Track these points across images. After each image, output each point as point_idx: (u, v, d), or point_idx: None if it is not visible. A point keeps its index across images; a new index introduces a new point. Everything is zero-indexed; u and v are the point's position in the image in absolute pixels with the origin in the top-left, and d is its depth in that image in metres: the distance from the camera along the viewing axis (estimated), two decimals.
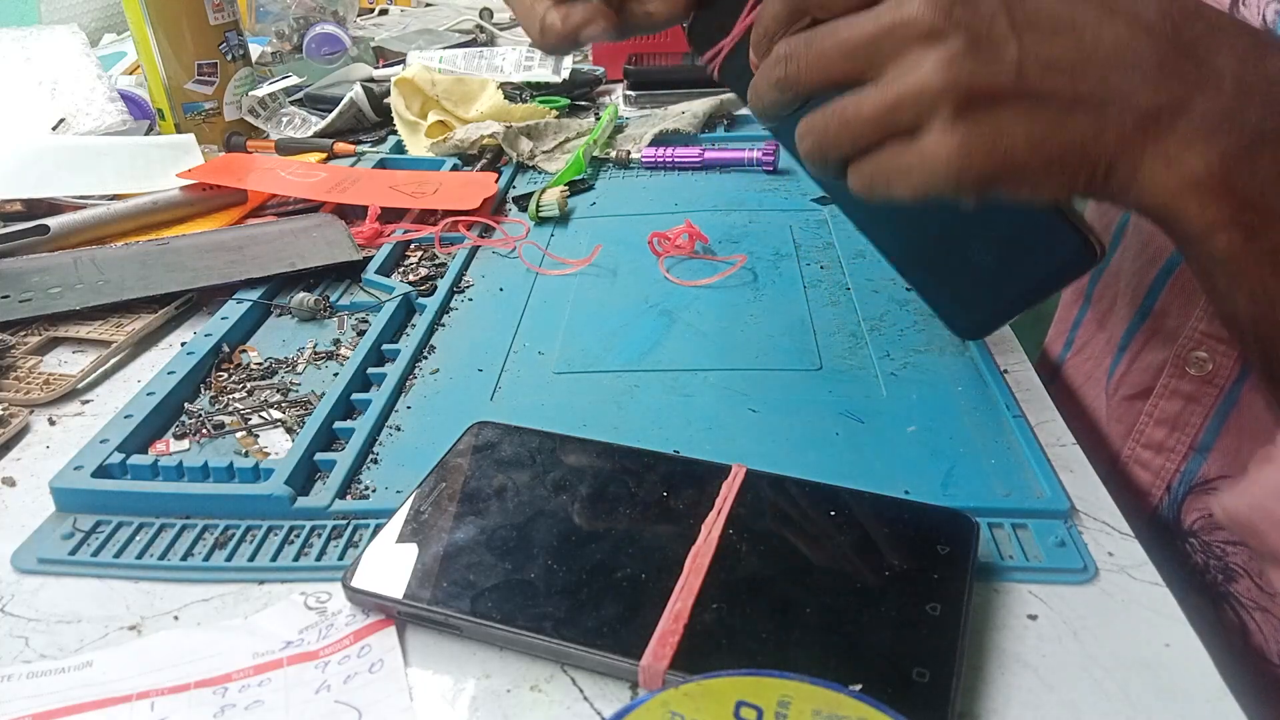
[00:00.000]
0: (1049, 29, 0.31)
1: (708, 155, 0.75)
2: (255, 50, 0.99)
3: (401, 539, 0.34)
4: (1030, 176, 0.32)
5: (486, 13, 1.31)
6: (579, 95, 0.95)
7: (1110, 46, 0.31)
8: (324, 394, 0.45)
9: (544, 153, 0.79)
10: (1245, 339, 0.36)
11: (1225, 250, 0.33)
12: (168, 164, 0.74)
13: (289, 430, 0.44)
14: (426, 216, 0.67)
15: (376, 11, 1.43)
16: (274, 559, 0.36)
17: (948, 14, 0.31)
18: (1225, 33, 0.32)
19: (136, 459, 0.41)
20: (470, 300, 0.56)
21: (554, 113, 0.86)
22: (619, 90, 0.98)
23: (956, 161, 0.32)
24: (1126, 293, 0.54)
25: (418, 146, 0.81)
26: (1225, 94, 0.31)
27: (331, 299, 0.56)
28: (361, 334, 0.52)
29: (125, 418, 0.43)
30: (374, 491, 0.39)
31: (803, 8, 0.34)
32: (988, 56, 0.31)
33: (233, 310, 0.53)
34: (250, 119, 0.87)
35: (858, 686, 0.27)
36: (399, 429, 0.44)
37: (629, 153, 0.77)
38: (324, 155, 0.81)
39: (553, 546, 0.34)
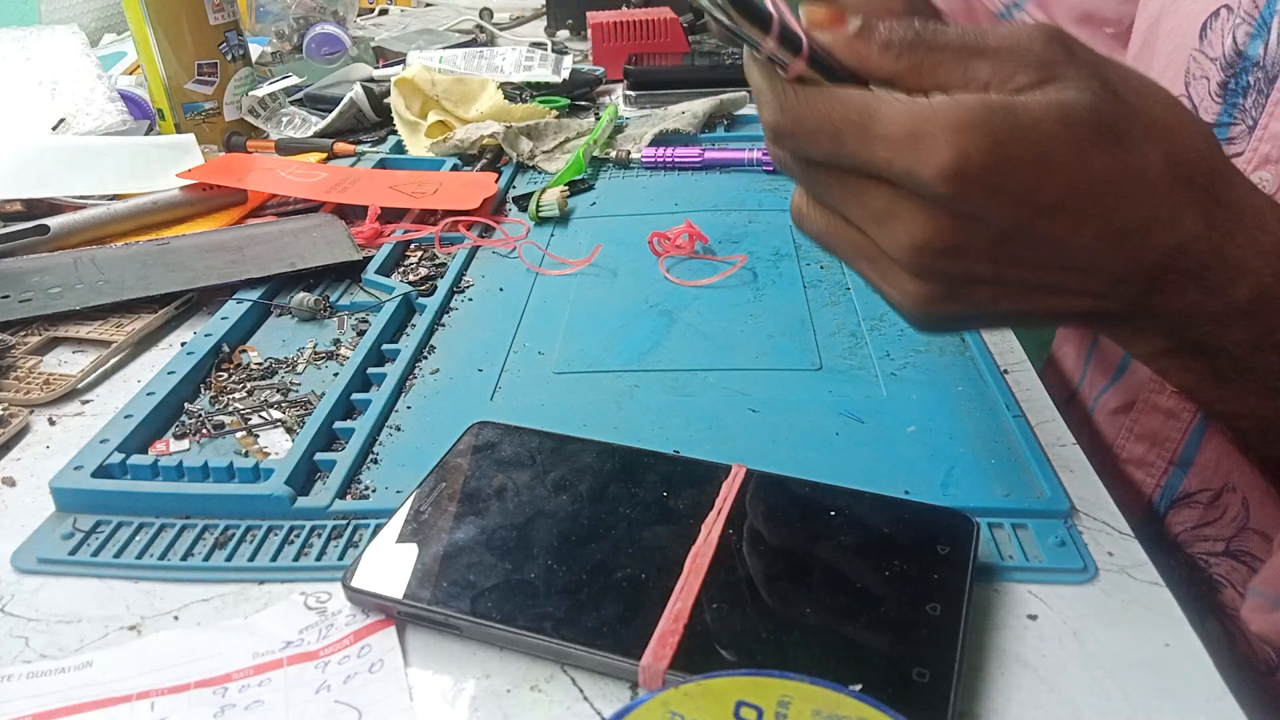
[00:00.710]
0: (1033, 265, 0.31)
1: (708, 155, 0.75)
2: (255, 50, 0.99)
3: (401, 539, 0.34)
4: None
5: (486, 13, 1.31)
6: (579, 95, 0.95)
7: (1089, 286, 0.31)
8: (324, 394, 0.45)
9: (544, 153, 0.79)
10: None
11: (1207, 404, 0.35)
12: (168, 164, 0.74)
13: (289, 430, 0.44)
14: (426, 216, 0.67)
15: (376, 11, 1.43)
16: (274, 559, 0.36)
17: (929, 267, 0.30)
18: (1217, 268, 0.30)
19: (136, 459, 0.41)
20: (470, 300, 0.56)
21: (554, 113, 0.86)
22: (619, 90, 0.98)
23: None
24: None
25: (418, 146, 0.81)
26: (1188, 318, 0.31)
27: (331, 299, 0.56)
28: (361, 334, 0.52)
29: (125, 418, 0.43)
30: (374, 491, 0.39)
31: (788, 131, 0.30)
32: (962, 295, 0.31)
33: (233, 310, 0.53)
34: (250, 119, 0.87)
35: (858, 686, 0.27)
36: (399, 429, 0.44)
37: (629, 153, 0.77)
38: (324, 155, 0.81)
39: (553, 546, 0.34)
